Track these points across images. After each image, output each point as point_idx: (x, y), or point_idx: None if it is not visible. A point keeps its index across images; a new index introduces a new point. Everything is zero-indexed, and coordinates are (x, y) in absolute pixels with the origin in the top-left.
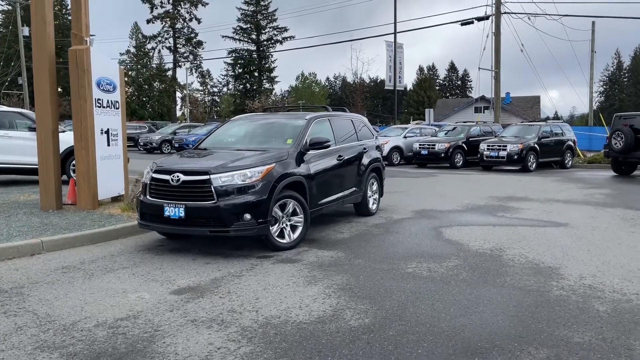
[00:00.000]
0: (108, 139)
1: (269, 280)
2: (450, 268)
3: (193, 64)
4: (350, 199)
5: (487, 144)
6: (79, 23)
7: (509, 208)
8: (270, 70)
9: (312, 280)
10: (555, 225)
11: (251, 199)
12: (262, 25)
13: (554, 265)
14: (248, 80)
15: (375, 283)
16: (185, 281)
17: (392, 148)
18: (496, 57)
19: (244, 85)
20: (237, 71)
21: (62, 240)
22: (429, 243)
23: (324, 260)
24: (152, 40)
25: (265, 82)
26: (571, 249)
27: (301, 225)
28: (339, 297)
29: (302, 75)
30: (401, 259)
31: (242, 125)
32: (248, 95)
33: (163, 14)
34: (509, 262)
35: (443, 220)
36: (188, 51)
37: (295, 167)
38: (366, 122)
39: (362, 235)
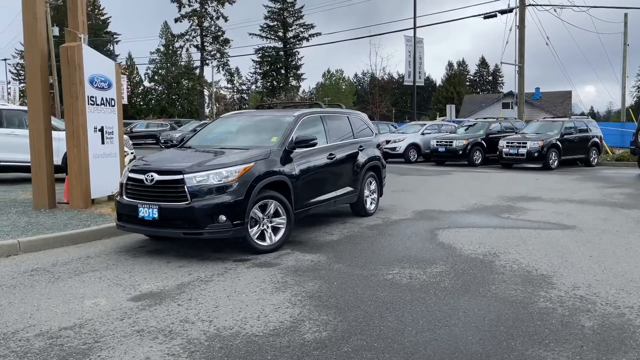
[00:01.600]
0: (102, 137)
1: (237, 286)
2: (434, 275)
3: (220, 62)
4: (344, 199)
5: (507, 141)
6: (75, 20)
7: (517, 209)
8: (297, 67)
9: (282, 287)
10: (561, 228)
11: (226, 200)
12: (289, 22)
13: (547, 272)
14: (274, 77)
15: (347, 291)
16: (150, 286)
17: (409, 145)
18: (520, 51)
19: (270, 82)
20: (264, 69)
21: (41, 241)
22: (420, 246)
23: (302, 265)
24: (179, 38)
25: (291, 80)
26: (572, 255)
27: (283, 227)
28: (304, 307)
29: (329, 72)
30: (385, 264)
31: (230, 122)
32: (274, 92)
33: (190, 13)
34: (500, 269)
35: (443, 221)
36: (215, 49)
37: (279, 166)
38: (365, 119)
39: (353, 237)
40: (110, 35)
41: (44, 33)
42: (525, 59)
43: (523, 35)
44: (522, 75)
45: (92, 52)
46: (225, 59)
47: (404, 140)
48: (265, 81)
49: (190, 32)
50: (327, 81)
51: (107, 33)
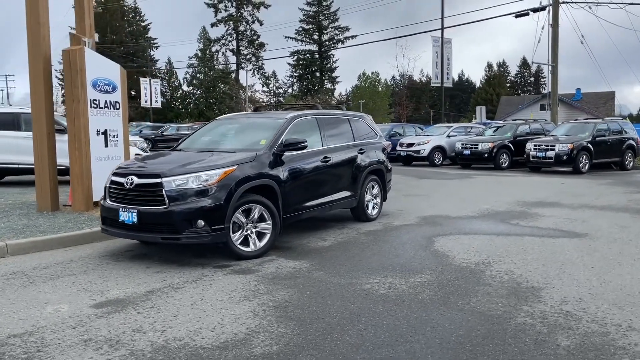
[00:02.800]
0: (106, 140)
1: (206, 294)
2: (415, 285)
3: (255, 65)
4: (341, 203)
5: (534, 144)
6: (82, 24)
7: (529, 215)
8: (332, 70)
9: (251, 296)
10: (570, 236)
11: (205, 204)
12: (324, 25)
13: (539, 284)
14: (309, 80)
15: (318, 301)
16: (118, 292)
17: (434, 148)
18: (553, 50)
19: (305, 85)
20: (299, 72)
21: (29, 243)
22: (412, 254)
23: (281, 272)
24: (216, 43)
25: (326, 82)
26: (572, 265)
27: (269, 233)
28: (265, 318)
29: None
30: (367, 273)
31: (223, 125)
32: (310, 95)
33: (226, 17)
34: (488, 280)
35: (446, 228)
36: (250, 53)
37: (266, 170)
38: (369, 120)
39: (345, 243)
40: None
41: (48, 38)
42: (559, 59)
43: (557, 34)
44: (556, 76)
45: (95, 55)
46: (260, 62)
47: (429, 142)
48: (301, 84)
49: (226, 37)
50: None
51: (147, 39)
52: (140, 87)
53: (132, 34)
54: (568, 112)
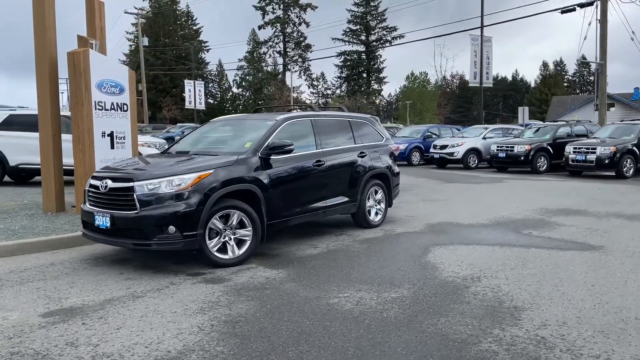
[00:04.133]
0: (112, 142)
1: (163, 304)
2: (386, 301)
3: (302, 67)
4: (337, 209)
5: (574, 146)
6: (92, 27)
7: (547, 224)
8: (379, 70)
9: (208, 308)
10: (582, 249)
11: (176, 210)
12: (372, 26)
13: (523, 304)
14: (356, 81)
15: (274, 316)
16: (77, 300)
17: (469, 150)
18: (602, 47)
19: (352, 86)
20: (346, 73)
21: (16, 246)
22: (399, 266)
23: (252, 282)
24: (263, 45)
25: (373, 83)
26: (570, 282)
27: (249, 240)
28: (209, 334)
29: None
30: (342, 285)
31: (216, 127)
32: (356, 96)
33: (274, 20)
34: (468, 297)
35: (450, 237)
36: (297, 54)
37: (247, 174)
38: (373, 122)
39: (335, 252)
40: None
41: (54, 41)
42: (609, 57)
43: (605, 30)
44: (604, 74)
45: (101, 57)
46: (307, 64)
47: (463, 145)
48: (348, 85)
49: (273, 39)
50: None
51: (199, 42)
52: (185, 89)
53: (184, 38)
54: (625, 113)
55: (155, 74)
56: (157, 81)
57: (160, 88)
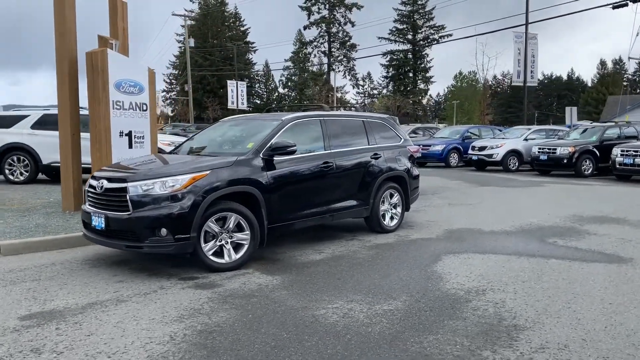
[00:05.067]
0: (130, 141)
1: (145, 310)
2: (377, 314)
3: (346, 67)
4: (346, 212)
5: (621, 149)
6: (115, 27)
7: (577, 232)
8: (426, 70)
9: (188, 316)
10: (609, 261)
11: (168, 212)
12: (419, 24)
13: (525, 322)
14: (402, 81)
15: (252, 327)
16: (61, 302)
17: (509, 152)
18: None
19: (397, 86)
20: (391, 72)
21: (22, 244)
22: (402, 275)
23: (243, 289)
24: (308, 45)
25: (420, 83)
26: (585, 299)
27: (246, 244)
28: (178, 344)
29: (460, 74)
30: (335, 295)
31: (224, 127)
32: (403, 96)
33: (319, 20)
34: (467, 313)
35: (466, 244)
36: (342, 54)
37: (246, 175)
38: (391, 123)
39: (339, 258)
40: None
41: (74, 41)
42: None
43: None
44: None
45: (120, 57)
46: (352, 63)
47: (503, 146)
48: (393, 85)
49: (318, 39)
50: (459, 83)
51: (246, 43)
52: (228, 90)
53: (231, 39)
54: None
55: (203, 74)
56: (205, 82)
57: (208, 89)
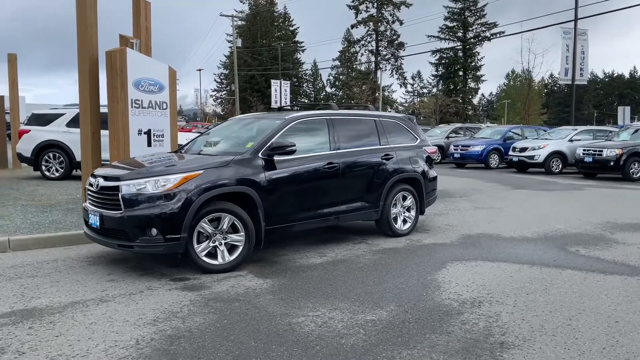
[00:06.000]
0: (149, 140)
1: (123, 311)
2: (356, 324)
3: (394, 65)
4: (354, 215)
5: None
6: (138, 26)
7: (605, 240)
8: (476, 68)
9: (163, 319)
10: (631, 273)
11: (158, 211)
12: (470, 22)
13: (515, 340)
14: (452, 79)
15: (222, 334)
16: (45, 300)
17: (551, 154)
18: None
19: (447, 85)
20: (440, 71)
21: (32, 240)
22: (397, 283)
23: (229, 292)
24: (355, 44)
25: (470, 81)
26: (590, 315)
27: (241, 245)
28: (141, 350)
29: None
30: (320, 302)
31: (231, 125)
32: (452, 95)
33: (367, 18)
34: (453, 327)
35: (479, 251)
36: (389, 53)
37: (242, 175)
38: (407, 122)
39: (340, 262)
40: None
41: (95, 39)
42: None
43: None
44: None
45: (140, 56)
46: (399, 62)
47: (545, 147)
48: (442, 84)
49: (365, 37)
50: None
51: (295, 43)
52: (271, 89)
53: (280, 38)
54: None
55: (252, 74)
56: (253, 81)
57: (256, 88)
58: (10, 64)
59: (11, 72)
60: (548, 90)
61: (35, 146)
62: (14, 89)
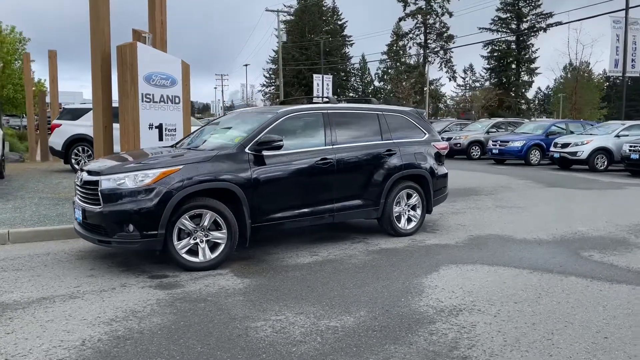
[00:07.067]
0: (160, 134)
1: (85, 309)
2: (315, 331)
3: (443, 59)
4: (351, 213)
5: None
6: (153, 20)
7: (627, 245)
8: (531, 61)
9: (120, 318)
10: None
11: (134, 207)
12: (524, 13)
13: (480, 354)
14: (504, 73)
15: (171, 337)
16: (16, 295)
17: (596, 150)
18: None
19: (499, 78)
20: (492, 64)
21: (32, 233)
22: (378, 287)
23: (201, 292)
24: (403, 37)
25: (523, 75)
26: (575, 330)
27: (223, 243)
28: (82, 351)
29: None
30: (288, 305)
31: (228, 119)
32: (504, 88)
33: (415, 11)
34: (419, 337)
35: (482, 253)
36: (438, 46)
37: (226, 171)
38: (415, 116)
39: (328, 262)
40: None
41: (107, 33)
42: None
43: None
44: None
45: (151, 50)
46: (449, 55)
47: (589, 143)
48: (494, 77)
49: (413, 30)
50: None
51: (343, 37)
52: (313, 83)
53: (328, 33)
54: None
55: (299, 69)
56: (300, 76)
57: (304, 82)
58: (50, 60)
59: (51, 69)
60: (610, 83)
61: (66, 140)
62: (54, 85)
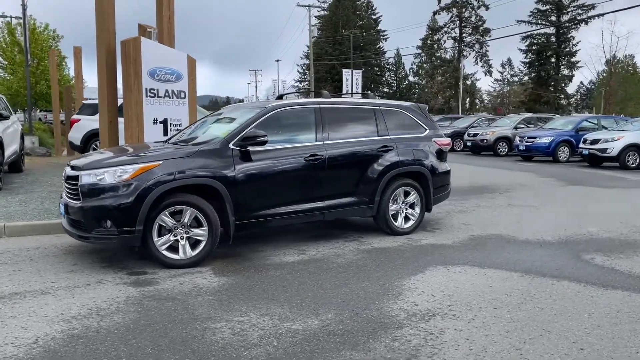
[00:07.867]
0: (165, 129)
1: (52, 305)
2: (273, 334)
3: (478, 52)
4: (343, 211)
5: None
6: (160, 15)
7: (635, 248)
8: (572, 54)
9: (81, 316)
10: (638, 290)
11: (111, 202)
12: (564, 4)
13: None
14: (543, 67)
15: (126, 337)
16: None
17: (627, 146)
18: None
19: (537, 72)
20: (530, 57)
21: (28, 227)
22: (355, 288)
23: (173, 290)
24: (438, 31)
25: (563, 69)
26: (550, 341)
27: (204, 240)
28: (31, 350)
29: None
30: (256, 306)
31: (219, 114)
32: (543, 83)
33: (450, 4)
34: (380, 343)
35: (477, 254)
36: (474, 40)
37: (208, 166)
38: (415, 112)
39: (313, 262)
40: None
41: (112, 30)
42: None
43: None
44: None
45: (156, 45)
46: (484, 49)
47: (620, 139)
48: (532, 71)
49: (448, 24)
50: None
51: (377, 31)
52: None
53: (362, 28)
54: None
55: (332, 64)
56: (334, 71)
57: (336, 78)
58: (75, 57)
59: (76, 65)
60: None
61: (84, 134)
62: (79, 81)
